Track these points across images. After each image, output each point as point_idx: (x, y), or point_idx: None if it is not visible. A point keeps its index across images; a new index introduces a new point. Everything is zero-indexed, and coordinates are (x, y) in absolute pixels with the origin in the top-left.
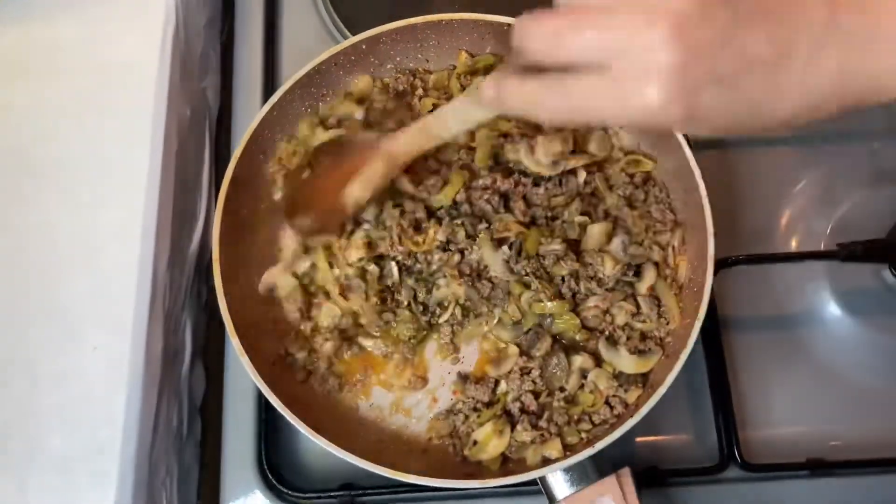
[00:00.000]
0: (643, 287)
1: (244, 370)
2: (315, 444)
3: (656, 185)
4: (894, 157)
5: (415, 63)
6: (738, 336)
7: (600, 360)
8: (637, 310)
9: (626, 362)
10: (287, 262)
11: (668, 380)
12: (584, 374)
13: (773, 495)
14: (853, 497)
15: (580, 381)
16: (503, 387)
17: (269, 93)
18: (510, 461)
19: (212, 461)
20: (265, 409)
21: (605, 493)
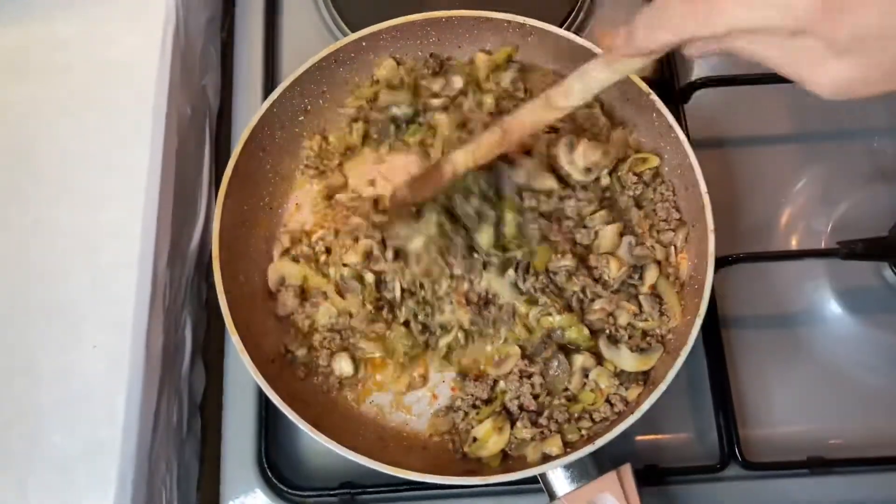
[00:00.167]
0: (645, 286)
1: (244, 368)
2: (315, 441)
3: (664, 183)
4: (894, 156)
5: (414, 61)
6: (739, 334)
7: (601, 358)
8: (639, 309)
9: (628, 360)
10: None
11: (669, 376)
12: (585, 372)
13: (774, 494)
14: (853, 495)
15: (583, 380)
16: (502, 385)
17: (270, 90)
18: (510, 458)
19: (212, 459)
20: (265, 406)
21: (605, 490)
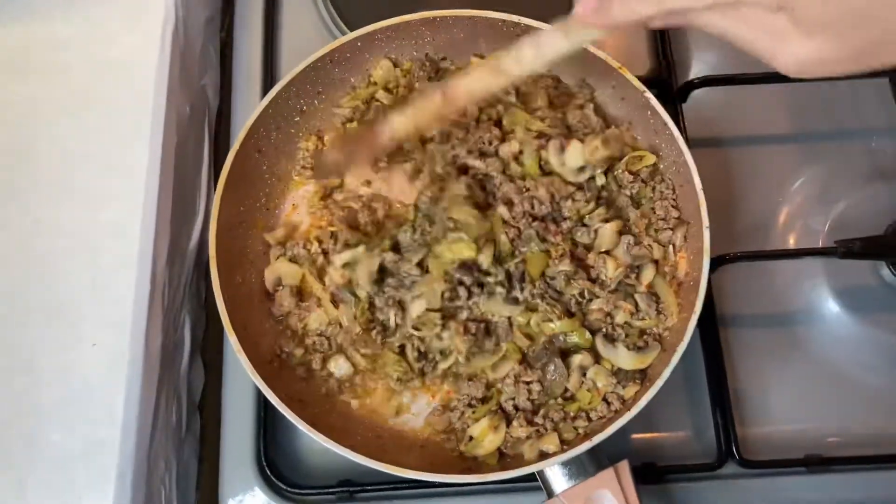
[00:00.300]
0: (642, 285)
1: (243, 367)
2: (314, 440)
3: (663, 181)
4: (892, 155)
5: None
6: (737, 333)
7: (599, 357)
8: (636, 308)
9: (625, 359)
10: (279, 250)
11: (665, 373)
12: (583, 371)
13: (771, 492)
14: (851, 493)
15: (581, 379)
16: (498, 383)
17: (269, 89)
18: (507, 456)
19: (211, 458)
20: (264, 405)
21: (603, 487)
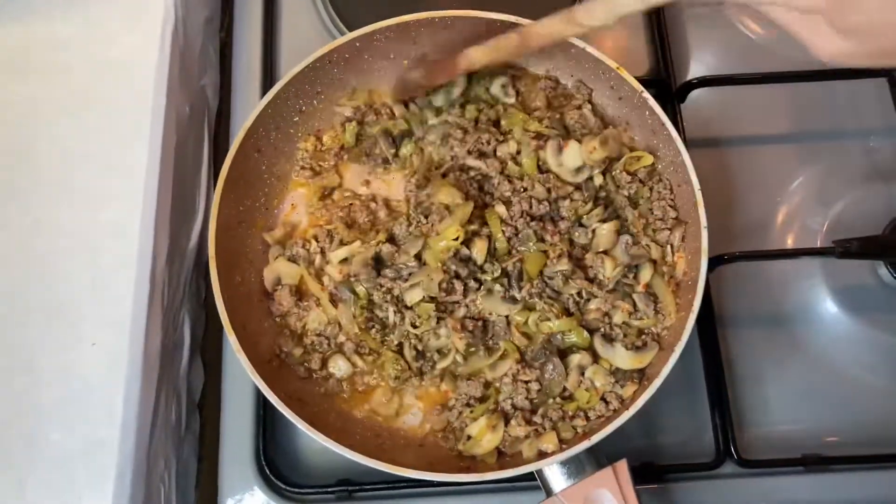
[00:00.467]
0: (639, 284)
1: (243, 366)
2: (313, 439)
3: (661, 181)
4: (890, 156)
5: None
6: (735, 333)
7: (597, 357)
8: (634, 308)
9: (623, 358)
10: (278, 249)
11: (664, 372)
12: (582, 370)
13: (769, 491)
14: (848, 493)
15: (579, 378)
16: (496, 384)
17: (268, 89)
18: (506, 455)
19: (210, 456)
20: (263, 404)
21: (601, 486)
